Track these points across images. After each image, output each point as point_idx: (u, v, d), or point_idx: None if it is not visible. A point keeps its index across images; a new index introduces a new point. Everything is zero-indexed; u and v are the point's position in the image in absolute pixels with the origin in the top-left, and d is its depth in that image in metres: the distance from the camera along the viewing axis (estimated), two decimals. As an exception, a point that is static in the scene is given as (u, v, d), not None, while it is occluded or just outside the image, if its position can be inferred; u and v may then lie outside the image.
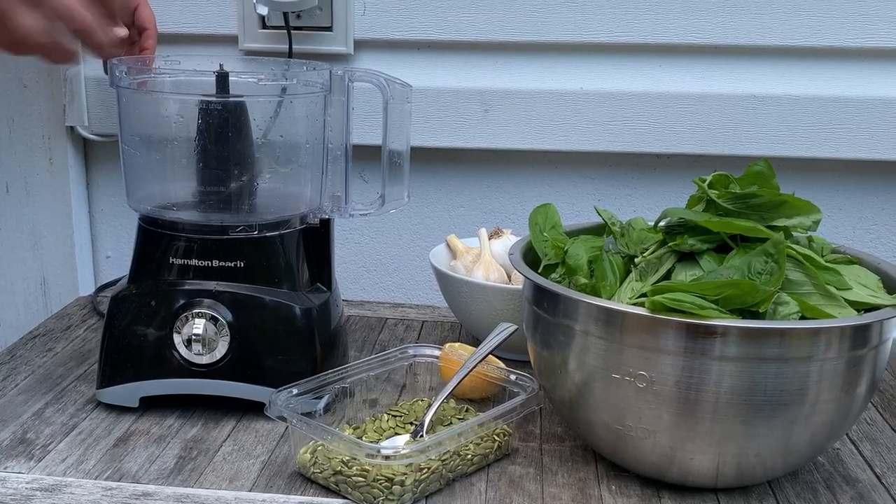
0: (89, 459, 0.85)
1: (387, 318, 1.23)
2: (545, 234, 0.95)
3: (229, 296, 0.91)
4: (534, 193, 1.29)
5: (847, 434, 0.94)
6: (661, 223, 0.88)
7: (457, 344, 1.00)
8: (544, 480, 0.83)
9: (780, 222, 0.84)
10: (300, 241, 0.96)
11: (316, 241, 0.99)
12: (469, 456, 0.83)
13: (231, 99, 0.92)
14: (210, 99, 0.91)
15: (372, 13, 1.21)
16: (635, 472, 0.84)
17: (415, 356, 0.97)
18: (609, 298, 0.82)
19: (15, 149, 1.17)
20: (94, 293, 1.29)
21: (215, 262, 0.91)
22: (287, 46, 1.20)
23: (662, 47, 1.20)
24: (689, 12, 1.18)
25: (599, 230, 0.97)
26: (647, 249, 0.85)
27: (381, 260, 1.33)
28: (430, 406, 0.87)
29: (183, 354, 0.91)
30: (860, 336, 0.76)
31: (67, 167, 1.28)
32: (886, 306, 0.79)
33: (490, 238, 1.14)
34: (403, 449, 0.77)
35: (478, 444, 0.84)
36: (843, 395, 0.77)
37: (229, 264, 0.91)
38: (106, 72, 0.92)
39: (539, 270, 0.89)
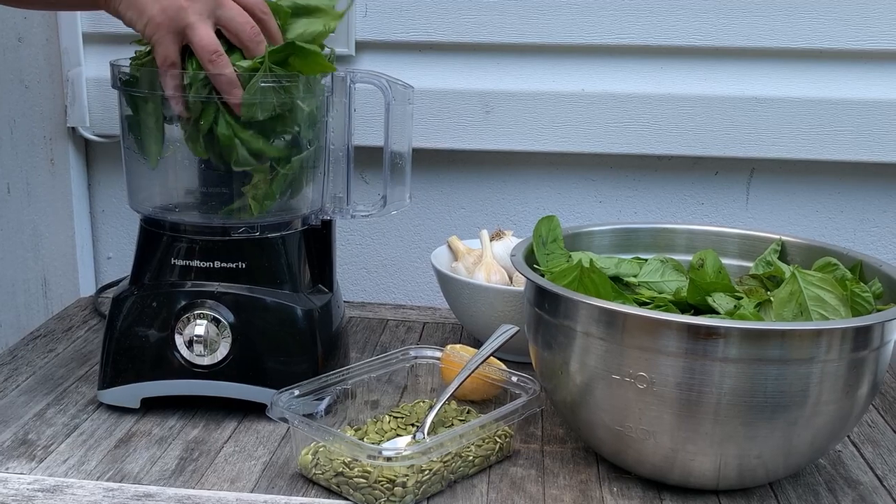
0: (91, 460, 0.85)
1: (388, 320, 1.23)
2: (547, 246, 0.95)
3: (231, 297, 0.91)
4: (535, 195, 1.29)
5: (848, 436, 0.93)
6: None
7: (458, 345, 1.00)
8: (546, 482, 0.83)
9: None
10: (302, 242, 0.96)
11: (317, 242, 0.99)
12: (470, 457, 0.83)
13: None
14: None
15: (374, 15, 1.21)
16: (637, 474, 0.84)
17: (416, 358, 0.97)
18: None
19: (16, 149, 1.17)
20: (96, 294, 1.29)
21: (217, 264, 0.91)
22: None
23: (664, 49, 1.20)
24: (691, 14, 1.18)
25: (601, 237, 0.99)
26: None
27: (383, 261, 1.33)
28: (431, 408, 0.87)
29: (184, 355, 0.91)
30: (861, 338, 0.76)
31: (69, 168, 1.29)
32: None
33: (491, 240, 1.14)
34: (405, 450, 0.77)
35: (479, 446, 0.84)
36: (844, 397, 0.77)
37: (231, 265, 0.91)
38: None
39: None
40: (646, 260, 0.97)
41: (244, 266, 0.91)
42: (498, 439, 0.86)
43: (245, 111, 0.87)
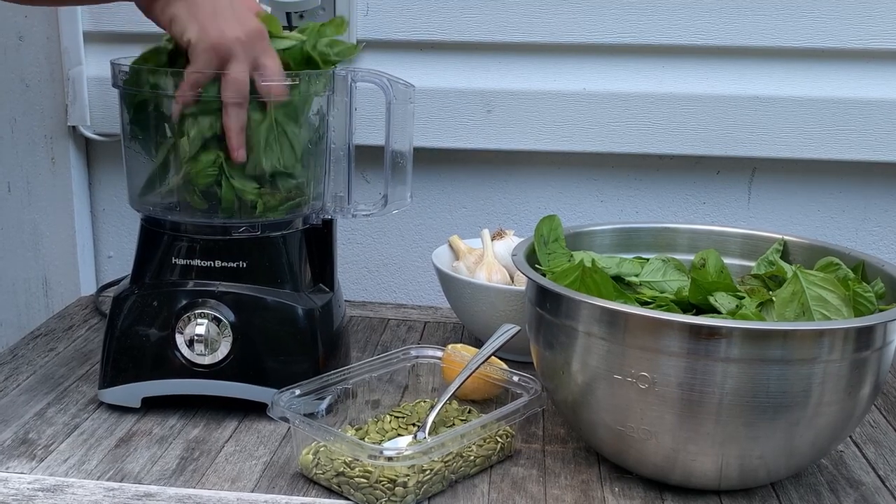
0: (91, 460, 0.85)
1: (389, 319, 1.23)
2: (548, 246, 0.95)
3: (232, 296, 0.91)
4: (537, 194, 1.28)
5: (850, 436, 0.93)
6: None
7: (459, 345, 1.00)
8: (547, 482, 0.83)
9: None
10: (303, 241, 0.96)
11: (318, 241, 0.99)
12: (472, 457, 0.83)
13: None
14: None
15: (375, 13, 1.21)
16: (638, 474, 0.83)
17: (417, 357, 0.97)
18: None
19: (17, 148, 1.17)
20: (96, 293, 1.29)
21: (218, 263, 0.91)
22: (290, 46, 1.19)
23: (666, 48, 1.20)
24: (693, 13, 1.18)
25: (603, 236, 0.99)
26: None
27: (384, 261, 1.33)
28: (432, 407, 0.87)
29: (185, 355, 0.91)
30: (864, 338, 0.76)
31: (69, 167, 1.28)
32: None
33: (493, 239, 1.14)
34: (406, 450, 0.77)
35: (480, 446, 0.84)
36: (846, 397, 0.77)
37: (232, 265, 0.91)
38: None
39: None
40: (647, 259, 0.97)
41: (245, 265, 0.91)
42: (499, 439, 0.85)
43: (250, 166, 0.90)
